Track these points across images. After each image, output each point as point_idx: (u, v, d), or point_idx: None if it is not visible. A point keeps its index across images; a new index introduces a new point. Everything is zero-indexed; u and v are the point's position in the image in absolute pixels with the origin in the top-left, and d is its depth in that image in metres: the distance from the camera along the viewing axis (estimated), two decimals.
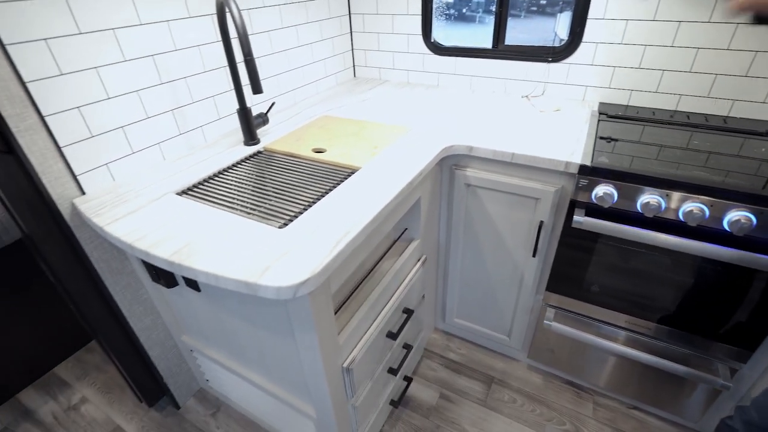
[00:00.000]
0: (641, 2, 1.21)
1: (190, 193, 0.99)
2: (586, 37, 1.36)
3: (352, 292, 1.02)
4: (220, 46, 1.21)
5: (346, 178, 1.00)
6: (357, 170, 1.03)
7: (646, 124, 1.24)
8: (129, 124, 1.03)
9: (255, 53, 1.34)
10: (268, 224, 0.83)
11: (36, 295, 1.46)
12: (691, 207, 0.90)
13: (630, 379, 1.27)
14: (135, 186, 1.01)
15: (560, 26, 2.10)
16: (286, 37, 1.44)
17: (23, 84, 0.83)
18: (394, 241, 1.20)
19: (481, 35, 1.59)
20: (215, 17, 1.17)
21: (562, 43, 1.42)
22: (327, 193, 0.94)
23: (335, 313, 0.95)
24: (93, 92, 0.94)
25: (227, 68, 1.25)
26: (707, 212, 0.90)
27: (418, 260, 1.24)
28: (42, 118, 0.87)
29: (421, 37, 1.65)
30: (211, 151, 1.19)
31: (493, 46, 1.56)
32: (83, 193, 0.98)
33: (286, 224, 0.83)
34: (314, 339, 0.81)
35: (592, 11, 1.31)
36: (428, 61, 1.69)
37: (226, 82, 1.26)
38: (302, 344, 0.85)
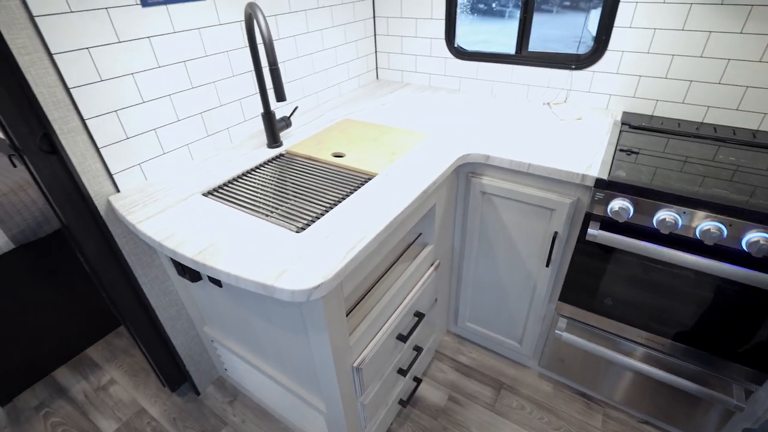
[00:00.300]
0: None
1: (215, 194, 1.04)
2: (611, 45, 1.34)
3: (366, 294, 1.05)
4: (248, 51, 1.25)
5: (363, 184, 1.03)
6: (374, 176, 1.06)
7: (670, 136, 1.22)
8: (161, 126, 1.09)
9: (281, 57, 1.38)
10: (286, 228, 0.87)
11: (72, 281, 1.56)
12: (709, 226, 0.89)
13: (642, 393, 1.26)
14: (165, 185, 1.07)
15: (592, 22, 2.06)
16: (311, 41, 1.48)
17: (67, 90, 0.89)
18: (409, 245, 1.23)
19: (510, 30, 1.58)
20: (243, 24, 1.22)
21: (589, 48, 1.40)
22: (344, 198, 0.97)
23: (348, 314, 0.99)
24: (129, 97, 1.00)
25: (254, 73, 1.29)
26: (725, 232, 0.89)
27: (431, 265, 1.26)
28: (83, 121, 0.94)
29: (444, 42, 1.66)
30: (236, 152, 1.24)
31: (516, 52, 1.55)
32: (118, 190, 1.05)
33: (303, 228, 0.87)
34: (326, 339, 0.84)
35: (619, 19, 1.29)
36: (450, 65, 1.69)
37: (252, 86, 1.31)
38: (315, 343, 0.89)
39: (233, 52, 1.22)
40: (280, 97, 0.99)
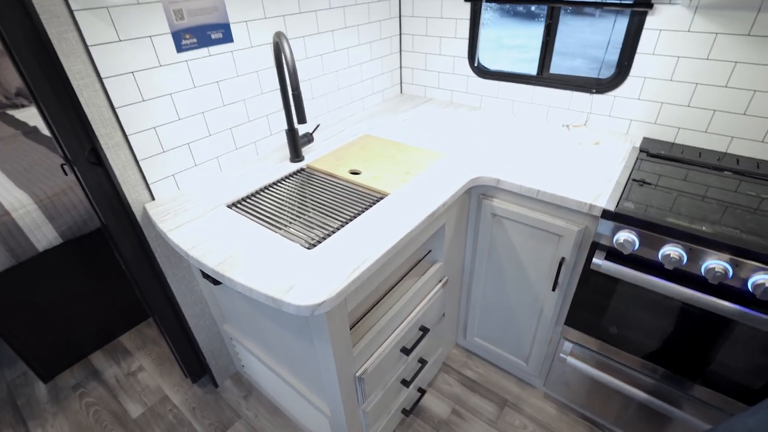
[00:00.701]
0: None
1: (238, 206, 1.13)
2: (633, 71, 1.34)
3: (373, 307, 1.11)
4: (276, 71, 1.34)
5: (375, 204, 1.09)
6: (386, 196, 1.12)
7: (689, 166, 1.20)
8: (194, 140, 1.19)
9: (308, 75, 1.46)
10: (299, 243, 0.94)
11: (110, 274, 1.70)
12: (714, 265, 0.89)
13: (648, 422, 1.25)
14: (195, 195, 1.17)
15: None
16: (337, 59, 1.56)
17: (113, 109, 1.00)
18: (419, 261, 1.28)
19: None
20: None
21: (611, 73, 1.40)
22: (355, 217, 1.03)
23: (354, 325, 1.05)
24: (167, 115, 1.10)
25: (280, 92, 1.38)
26: (731, 272, 0.88)
27: (440, 282, 1.30)
28: (126, 136, 1.04)
29: (466, 60, 1.69)
30: (261, 165, 1.33)
31: (537, 73, 1.56)
32: (153, 198, 1.15)
33: (314, 245, 0.94)
34: (329, 350, 0.91)
35: (642, 46, 1.29)
36: (472, 83, 1.72)
37: (279, 102, 1.39)
38: (319, 352, 0.96)
39: (263, 72, 1.30)
40: (301, 119, 1.06)
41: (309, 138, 1.38)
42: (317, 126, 1.40)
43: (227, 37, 0.70)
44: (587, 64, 1.52)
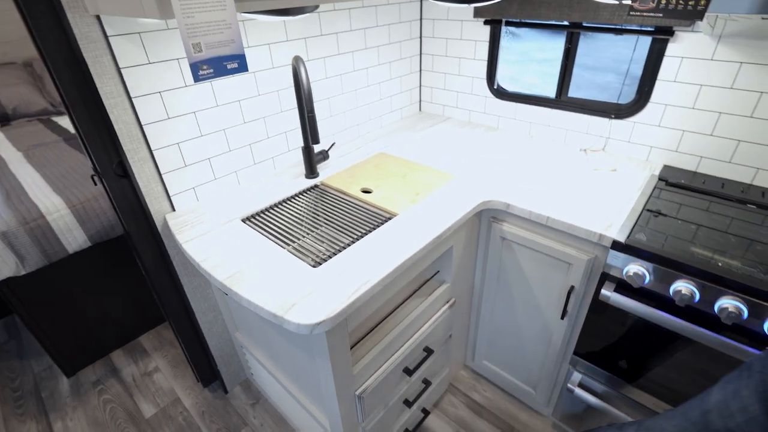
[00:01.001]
0: None
1: (252, 220, 1.17)
2: (654, 97, 1.31)
3: (376, 326, 1.12)
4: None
5: (383, 224, 1.10)
6: (394, 217, 1.13)
7: (710, 197, 1.16)
8: (214, 156, 1.25)
9: (327, 94, 1.51)
10: (305, 261, 0.97)
11: (133, 277, 1.79)
12: (727, 304, 0.86)
13: None
14: (212, 207, 1.22)
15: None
16: (356, 79, 1.60)
17: (141, 126, 1.07)
18: (426, 281, 1.28)
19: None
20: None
21: (631, 98, 1.38)
22: (362, 237, 1.06)
23: (356, 344, 1.07)
24: (190, 131, 1.17)
25: (297, 112, 1.43)
26: (746, 312, 0.85)
27: (447, 303, 1.30)
28: (151, 151, 1.11)
29: (485, 81, 1.70)
30: (277, 180, 1.38)
31: (556, 96, 1.55)
32: (174, 209, 1.21)
33: (319, 263, 0.96)
34: (328, 367, 0.92)
35: (663, 72, 1.27)
36: (490, 104, 1.73)
37: (298, 120, 1.44)
38: (320, 368, 0.97)
39: (283, 91, 1.36)
40: (315, 140, 1.10)
41: (324, 155, 1.42)
42: (332, 144, 1.44)
43: (242, 67, 0.74)
44: (619, 79, 1.49)
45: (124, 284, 1.75)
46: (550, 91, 1.57)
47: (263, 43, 1.24)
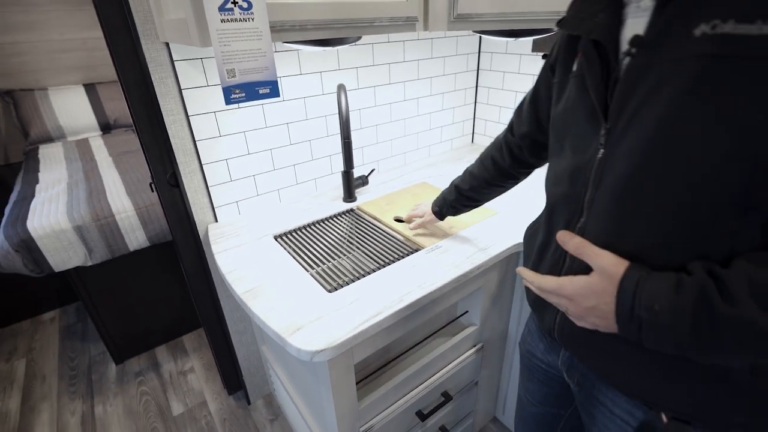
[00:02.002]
0: None
1: (283, 238, 1.20)
2: None
3: (391, 361, 1.08)
4: None
5: (408, 255, 1.07)
6: (421, 249, 1.10)
7: None
8: (259, 173, 1.32)
9: (374, 121, 1.53)
10: (322, 285, 0.96)
11: (181, 278, 1.91)
12: None
13: None
14: (250, 222, 1.27)
15: None
16: (406, 108, 1.61)
17: (194, 142, 1.16)
18: (453, 319, 1.21)
19: None
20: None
21: None
22: (383, 267, 1.03)
23: (365, 378, 1.03)
24: (238, 149, 1.24)
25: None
26: None
27: (474, 347, 1.22)
28: (201, 165, 1.19)
29: None
30: (316, 201, 1.41)
31: None
32: (216, 220, 1.29)
33: (335, 289, 0.95)
34: (330, 397, 0.90)
35: None
36: None
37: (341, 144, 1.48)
38: (323, 397, 0.95)
39: (330, 117, 1.41)
40: (349, 165, 1.11)
41: (363, 181, 1.43)
42: (372, 170, 1.45)
43: (274, 93, 0.78)
44: None
45: (174, 285, 1.88)
46: None
47: (315, 71, 1.31)
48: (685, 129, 0.42)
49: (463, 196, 1.01)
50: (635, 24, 0.47)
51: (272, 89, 0.78)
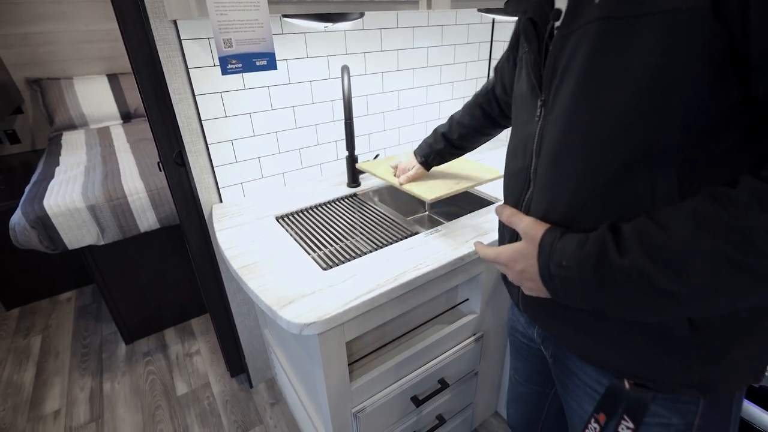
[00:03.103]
0: None
1: (285, 219, 1.21)
2: None
3: (386, 345, 1.07)
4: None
5: (406, 238, 1.06)
6: (419, 233, 1.08)
7: None
8: (264, 156, 1.33)
9: (382, 108, 1.53)
10: (318, 263, 0.96)
11: (190, 263, 1.95)
12: None
13: None
14: (255, 203, 1.29)
15: None
16: (414, 96, 1.60)
17: (200, 121, 1.18)
18: (453, 306, 1.20)
19: None
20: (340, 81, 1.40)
21: None
22: (382, 247, 1.02)
23: (360, 359, 1.02)
24: (244, 130, 1.26)
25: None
26: None
27: (473, 335, 1.19)
28: (207, 145, 1.21)
29: None
30: (320, 185, 1.41)
31: None
32: (221, 201, 1.30)
33: (331, 267, 0.95)
34: (321, 375, 0.89)
35: None
36: None
37: None
38: (316, 375, 0.95)
39: (337, 102, 1.41)
40: (349, 146, 1.11)
41: None
42: (376, 156, 1.44)
43: (271, 65, 0.78)
44: None
45: (183, 269, 1.92)
46: None
47: (322, 54, 1.31)
48: (593, 88, 0.44)
49: (450, 144, 1.02)
50: (562, 0, 0.49)
51: (269, 61, 0.78)
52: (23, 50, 2.68)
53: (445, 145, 1.03)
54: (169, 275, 1.90)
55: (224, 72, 0.73)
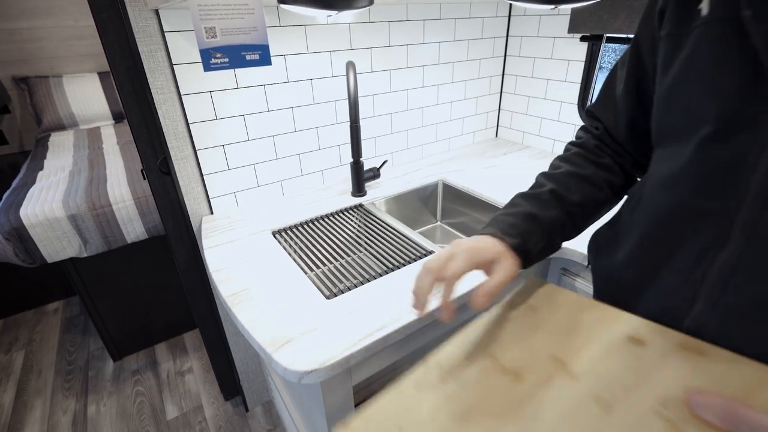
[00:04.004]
0: None
1: (282, 234, 1.08)
2: None
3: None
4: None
5: (420, 259, 0.93)
6: (434, 253, 0.95)
7: None
8: (260, 162, 1.20)
9: (389, 109, 1.39)
10: (320, 290, 0.83)
11: None
12: None
13: None
14: (248, 215, 1.16)
15: None
16: (424, 96, 1.47)
17: (187, 124, 1.04)
18: None
19: None
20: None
21: None
22: (392, 270, 0.89)
23: (367, 398, 0.89)
24: (237, 134, 1.13)
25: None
26: None
27: None
28: (195, 151, 1.08)
29: (575, 107, 1.45)
30: (322, 194, 1.28)
31: None
32: (212, 212, 1.17)
33: (334, 295, 0.82)
34: (324, 422, 0.76)
35: None
36: None
37: None
38: (317, 420, 0.82)
39: (341, 102, 1.27)
40: (357, 154, 0.98)
41: (375, 173, 1.30)
42: (384, 162, 1.31)
43: (264, 59, 0.65)
44: None
45: (175, 281, 1.79)
46: None
47: (325, 50, 1.18)
48: None
49: (568, 214, 0.57)
50: None
51: (262, 55, 0.65)
52: (10, 47, 2.55)
53: (559, 214, 0.57)
54: (159, 288, 1.77)
55: (207, 68, 0.60)
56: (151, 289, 1.75)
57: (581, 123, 1.45)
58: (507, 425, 0.37)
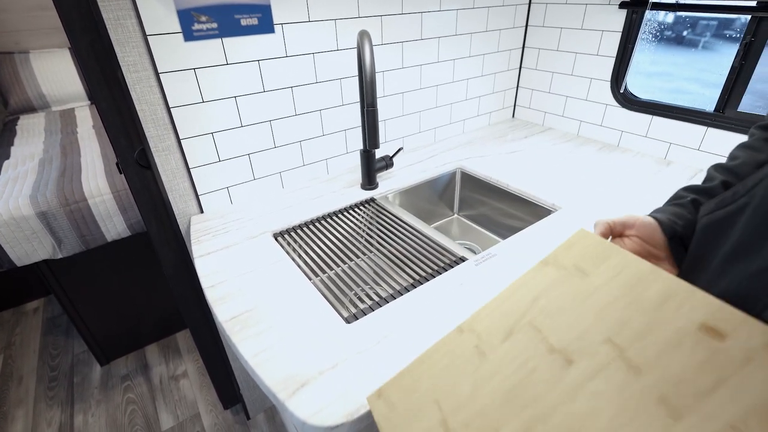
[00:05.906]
0: None
1: (285, 236, 0.93)
2: None
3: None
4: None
5: (451, 267, 0.79)
6: (467, 260, 0.82)
7: None
8: (256, 152, 1.04)
9: (401, 88, 1.23)
10: (337, 311, 0.70)
11: None
12: None
13: None
14: (244, 214, 1.00)
15: None
16: (439, 72, 1.30)
17: (168, 109, 0.88)
18: None
19: (700, 64, 1.17)
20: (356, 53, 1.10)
21: None
22: (420, 283, 0.76)
23: None
24: (228, 120, 0.96)
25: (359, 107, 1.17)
26: None
27: None
28: (179, 140, 0.92)
29: (608, 84, 1.30)
30: (328, 187, 1.13)
31: (717, 110, 1.12)
32: (202, 211, 1.02)
33: (355, 317, 0.69)
34: None
35: None
36: (611, 115, 1.32)
37: (359, 116, 1.18)
38: None
39: (347, 80, 1.11)
40: (373, 144, 0.83)
41: (387, 162, 1.15)
42: (399, 150, 1.16)
43: (265, 26, 0.49)
44: (753, 101, 1.07)
45: (163, 277, 1.63)
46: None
47: (328, 18, 1.00)
48: None
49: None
50: None
51: (262, 20, 0.49)
52: None
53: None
54: (146, 286, 1.62)
55: (189, 36, 0.45)
56: (138, 286, 1.60)
57: (613, 103, 1.30)
58: (553, 416, 0.33)
